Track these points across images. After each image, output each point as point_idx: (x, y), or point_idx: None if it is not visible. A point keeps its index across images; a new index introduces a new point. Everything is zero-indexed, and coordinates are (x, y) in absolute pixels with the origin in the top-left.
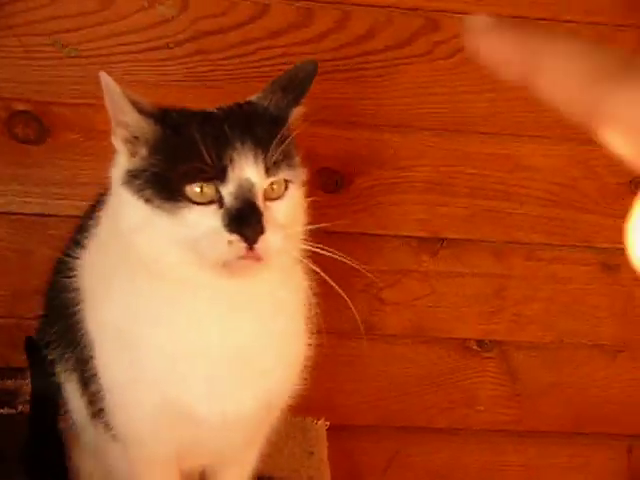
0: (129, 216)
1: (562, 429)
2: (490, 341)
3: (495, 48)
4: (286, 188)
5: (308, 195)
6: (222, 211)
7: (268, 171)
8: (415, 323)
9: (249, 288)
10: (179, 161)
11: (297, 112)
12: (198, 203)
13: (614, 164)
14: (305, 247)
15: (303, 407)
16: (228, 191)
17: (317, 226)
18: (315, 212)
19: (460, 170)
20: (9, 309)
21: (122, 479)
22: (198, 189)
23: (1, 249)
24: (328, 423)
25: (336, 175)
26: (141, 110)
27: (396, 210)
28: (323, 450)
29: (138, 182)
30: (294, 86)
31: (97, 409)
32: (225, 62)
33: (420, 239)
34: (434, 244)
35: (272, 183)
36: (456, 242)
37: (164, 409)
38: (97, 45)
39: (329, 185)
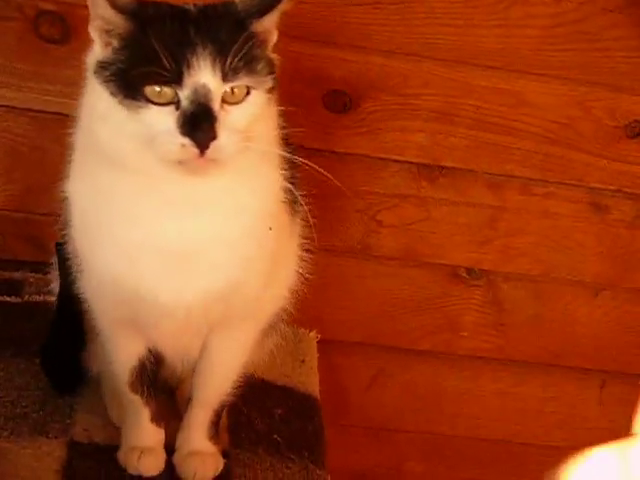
0: (95, 105)
1: (540, 360)
2: (479, 270)
3: None
4: (248, 93)
5: (315, 115)
6: (177, 113)
7: (226, 77)
8: (408, 247)
9: (207, 187)
10: (140, 61)
11: (268, 22)
12: (156, 103)
13: (612, 107)
14: (270, 150)
15: (295, 319)
16: (184, 95)
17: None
18: (321, 132)
19: (464, 102)
20: (20, 203)
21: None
22: (158, 89)
23: (17, 144)
24: (319, 335)
25: (345, 97)
26: (114, 5)
27: (399, 136)
28: (313, 359)
29: (106, 74)
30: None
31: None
32: None
33: (420, 165)
34: (433, 171)
35: (232, 88)
36: (454, 171)
37: (116, 287)
38: None
39: (337, 106)
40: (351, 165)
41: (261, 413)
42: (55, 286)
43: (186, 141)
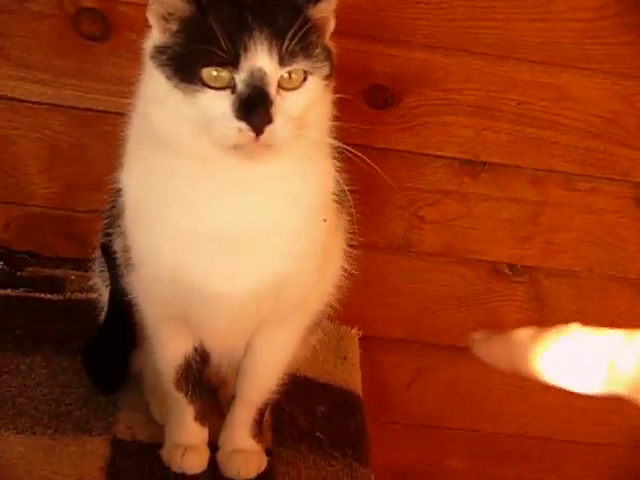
0: (153, 89)
1: None
2: (521, 266)
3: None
4: (305, 79)
5: (356, 110)
6: (233, 97)
7: (282, 61)
8: (450, 243)
9: (262, 174)
10: (198, 43)
11: (325, 8)
12: (212, 87)
13: None
14: (326, 141)
15: (337, 316)
16: (241, 78)
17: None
18: (362, 128)
19: (506, 96)
20: (60, 201)
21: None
22: (215, 73)
23: (57, 141)
24: (361, 332)
25: (386, 92)
26: None
27: (441, 131)
28: (356, 356)
29: (162, 58)
30: None
31: (126, 258)
32: None
33: (462, 161)
34: (475, 167)
35: (290, 73)
36: (496, 166)
37: (170, 279)
38: None
39: (378, 102)
40: (392, 161)
41: (304, 410)
42: (96, 283)
43: (242, 125)
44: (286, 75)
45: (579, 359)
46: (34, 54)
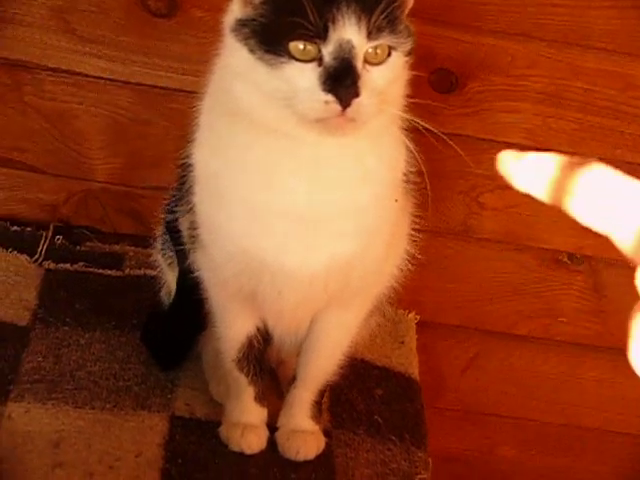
0: (233, 63)
1: None
2: (581, 255)
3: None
4: (389, 55)
5: (420, 94)
6: (320, 70)
7: (370, 35)
8: (510, 230)
9: (340, 151)
10: (285, 15)
11: None
12: (299, 60)
13: None
14: (402, 117)
15: (395, 300)
16: (328, 51)
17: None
18: (426, 111)
19: (572, 84)
20: (121, 177)
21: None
22: (301, 46)
23: (120, 117)
24: (418, 317)
25: (451, 76)
26: None
27: (505, 117)
28: (412, 341)
29: (245, 31)
30: None
31: (193, 235)
32: None
33: (525, 148)
34: None
35: (376, 47)
36: (560, 154)
37: (241, 255)
38: None
39: (443, 85)
40: (452, 146)
41: (361, 393)
42: (157, 260)
43: (329, 97)
44: (372, 49)
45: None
46: (100, 29)
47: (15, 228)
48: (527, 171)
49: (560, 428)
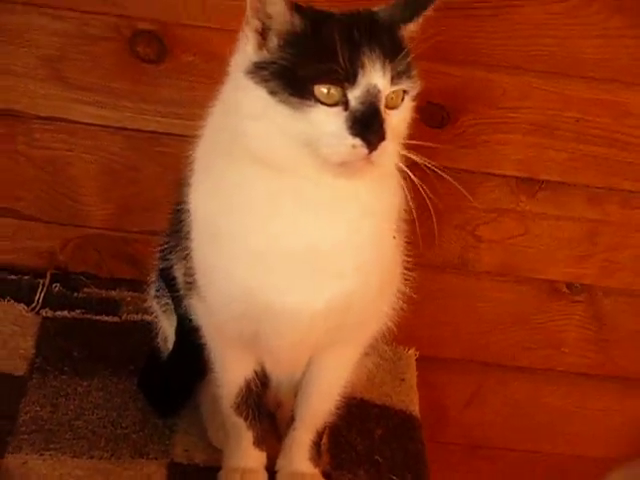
0: (248, 104)
1: None
2: (580, 285)
3: None
4: (402, 99)
5: (411, 128)
6: (346, 114)
7: (393, 80)
8: (507, 262)
9: (346, 188)
10: (313, 59)
11: (412, 29)
12: (324, 103)
13: None
14: (404, 156)
15: (394, 336)
16: (354, 95)
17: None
18: (418, 146)
19: (564, 114)
20: (116, 222)
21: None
22: (325, 90)
23: (112, 163)
24: (418, 353)
25: (442, 111)
26: (290, 3)
27: (498, 149)
28: (413, 378)
29: (264, 73)
30: (415, 4)
31: (189, 282)
32: None
33: (519, 179)
34: (533, 185)
35: (394, 92)
36: (554, 185)
37: (241, 297)
38: None
39: (434, 120)
40: (448, 179)
41: (361, 433)
42: (152, 306)
43: (357, 141)
44: (392, 94)
45: None
46: (90, 77)
47: (12, 277)
48: None
49: (567, 459)
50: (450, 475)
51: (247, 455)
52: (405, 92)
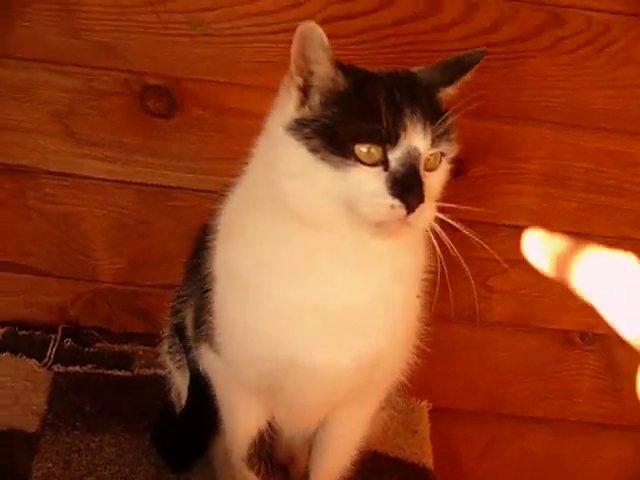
0: (288, 162)
1: None
2: (593, 334)
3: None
4: (440, 161)
5: None
6: (386, 174)
7: (433, 142)
8: (519, 312)
9: (379, 248)
10: (356, 119)
11: (450, 92)
12: (364, 163)
13: None
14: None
15: (406, 388)
16: (395, 156)
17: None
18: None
19: (575, 164)
20: (127, 276)
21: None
22: (365, 150)
23: (123, 217)
24: (431, 404)
25: (457, 163)
26: (334, 61)
27: (509, 200)
28: (426, 430)
29: (305, 130)
30: (455, 67)
31: (203, 333)
32: (354, 47)
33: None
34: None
35: (431, 154)
36: (566, 235)
37: (267, 355)
38: (230, 25)
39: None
40: (460, 230)
41: None
42: (165, 361)
43: (396, 202)
44: (431, 156)
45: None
46: (100, 132)
47: (24, 332)
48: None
49: None
50: None
51: None
52: (443, 154)
